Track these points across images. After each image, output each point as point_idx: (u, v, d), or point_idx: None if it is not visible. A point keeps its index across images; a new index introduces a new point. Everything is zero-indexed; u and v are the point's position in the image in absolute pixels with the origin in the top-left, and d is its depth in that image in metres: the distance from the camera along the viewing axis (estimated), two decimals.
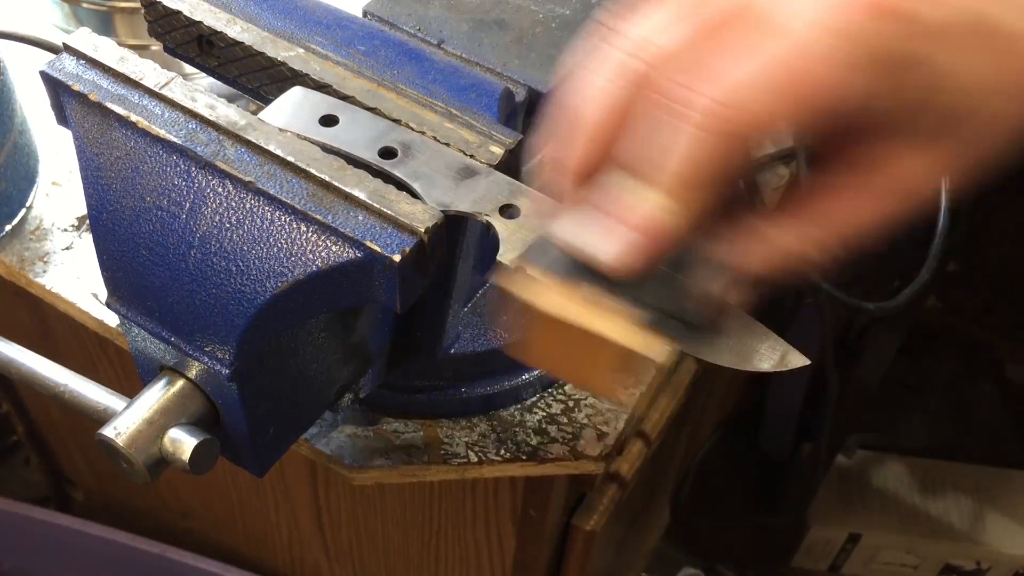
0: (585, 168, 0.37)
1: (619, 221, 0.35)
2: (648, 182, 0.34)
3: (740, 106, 0.32)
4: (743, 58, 0.33)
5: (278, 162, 0.44)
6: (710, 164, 0.33)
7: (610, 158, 0.35)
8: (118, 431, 0.45)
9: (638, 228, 0.34)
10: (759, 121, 0.33)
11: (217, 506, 0.96)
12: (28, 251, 0.73)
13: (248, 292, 0.43)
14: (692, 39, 0.34)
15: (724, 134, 0.33)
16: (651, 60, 0.35)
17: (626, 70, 0.35)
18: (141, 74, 0.47)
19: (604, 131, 0.36)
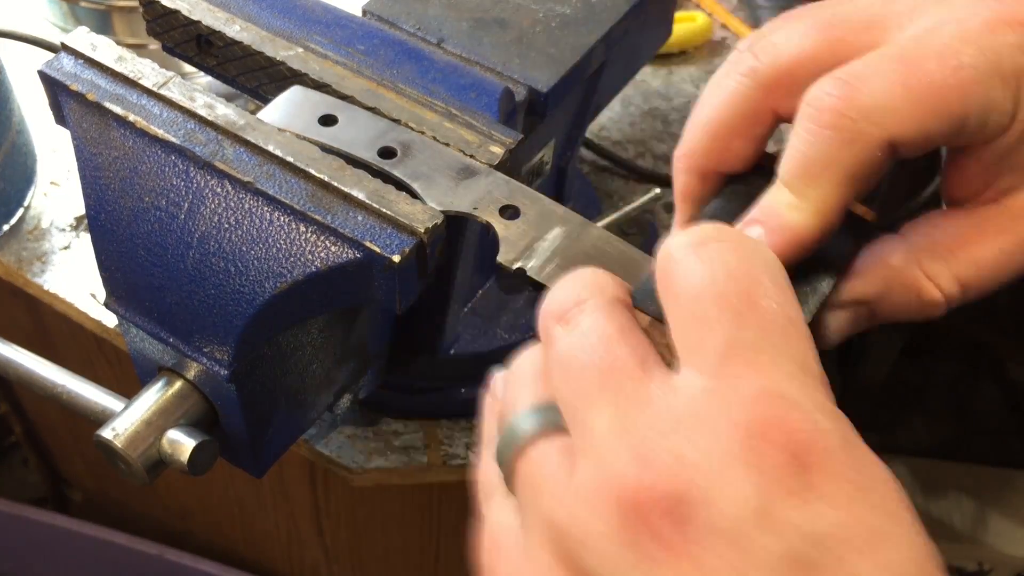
0: (710, 165, 0.37)
1: (751, 220, 0.35)
2: (786, 183, 0.34)
3: (858, 100, 0.32)
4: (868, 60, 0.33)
5: (277, 162, 0.44)
6: (832, 161, 0.33)
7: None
8: (116, 432, 0.45)
9: (764, 224, 0.34)
10: (879, 116, 0.32)
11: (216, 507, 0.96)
12: (26, 251, 0.72)
13: (247, 292, 0.43)
14: (817, 41, 0.35)
15: (843, 128, 0.32)
16: (778, 64, 0.35)
17: (749, 68, 0.35)
18: (139, 73, 0.47)
19: (722, 126, 0.36)
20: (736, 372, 0.27)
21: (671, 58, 0.93)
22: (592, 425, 0.27)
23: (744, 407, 0.26)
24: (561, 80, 0.54)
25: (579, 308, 0.30)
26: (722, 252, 0.29)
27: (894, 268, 0.36)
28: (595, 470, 0.26)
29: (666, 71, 0.92)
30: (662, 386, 0.27)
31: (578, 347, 0.29)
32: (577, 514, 0.26)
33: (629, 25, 0.59)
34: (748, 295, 0.28)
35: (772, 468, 0.25)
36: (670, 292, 0.29)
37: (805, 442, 0.25)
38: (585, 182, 0.78)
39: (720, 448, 0.25)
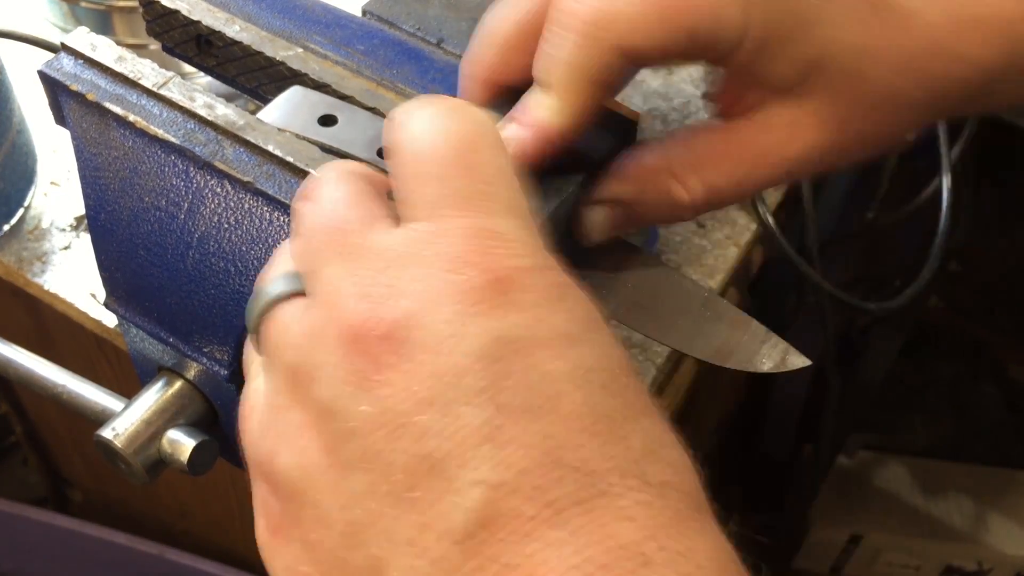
0: (493, 76, 0.40)
1: (515, 121, 0.38)
2: (540, 86, 0.38)
3: (607, 12, 0.36)
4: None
5: (277, 162, 0.44)
6: (586, 68, 0.37)
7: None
8: (116, 432, 0.45)
9: (526, 124, 0.38)
10: (625, 31, 0.36)
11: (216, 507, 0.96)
12: (26, 251, 0.72)
13: (247, 292, 0.43)
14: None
15: (595, 38, 0.36)
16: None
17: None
18: (139, 74, 0.47)
19: (509, 42, 0.39)
20: (446, 214, 0.30)
21: None
22: (323, 275, 0.30)
23: (451, 241, 0.29)
24: None
25: (318, 183, 0.33)
26: (438, 115, 0.32)
27: (649, 170, 0.40)
28: (323, 311, 0.29)
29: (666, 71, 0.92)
30: (383, 235, 0.30)
31: (314, 214, 0.32)
32: (308, 353, 0.29)
33: None
34: (460, 151, 0.31)
35: (473, 289, 0.28)
36: (392, 153, 0.32)
37: (506, 268, 0.29)
38: None
39: (428, 277, 0.28)
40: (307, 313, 0.30)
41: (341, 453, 0.28)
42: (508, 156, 0.32)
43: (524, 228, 0.30)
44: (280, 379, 0.30)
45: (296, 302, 0.31)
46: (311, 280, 0.31)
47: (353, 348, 0.28)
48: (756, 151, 0.40)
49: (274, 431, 0.30)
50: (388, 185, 0.33)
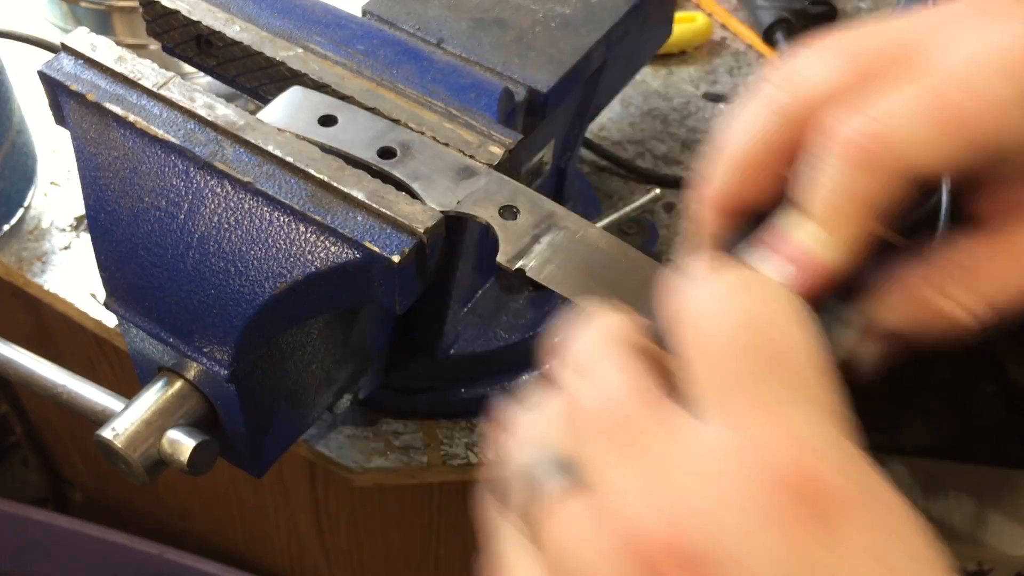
0: (731, 201, 0.36)
1: (777, 253, 0.34)
2: (804, 214, 0.33)
3: (886, 135, 0.31)
4: (894, 90, 0.32)
5: (277, 162, 0.44)
6: (858, 195, 0.32)
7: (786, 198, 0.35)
8: (116, 432, 0.45)
9: (791, 259, 0.33)
10: (907, 152, 0.32)
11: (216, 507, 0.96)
12: (26, 251, 0.72)
13: (247, 293, 0.43)
14: (845, 73, 0.33)
15: (870, 165, 0.32)
16: (801, 92, 0.34)
17: (775, 102, 0.34)
18: (139, 74, 0.47)
19: (749, 162, 0.35)
20: (756, 421, 0.26)
21: (671, 58, 0.93)
22: (611, 481, 0.27)
23: (764, 456, 0.25)
24: (561, 80, 0.54)
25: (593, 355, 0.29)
26: (740, 293, 0.28)
27: (916, 293, 0.35)
28: (615, 525, 0.26)
29: (666, 71, 0.92)
30: (681, 439, 0.27)
31: (593, 400, 0.28)
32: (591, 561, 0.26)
33: (629, 25, 0.59)
34: (762, 336, 0.27)
35: (795, 519, 0.24)
36: (684, 336, 0.29)
37: (823, 484, 0.25)
38: (585, 182, 0.78)
39: (735, 495, 0.25)
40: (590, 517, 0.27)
41: None
42: (818, 342, 0.28)
43: (837, 430, 0.27)
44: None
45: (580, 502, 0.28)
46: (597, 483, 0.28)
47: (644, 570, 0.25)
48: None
49: None
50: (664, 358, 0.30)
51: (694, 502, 0.25)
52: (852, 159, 0.32)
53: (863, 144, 0.32)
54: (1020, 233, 0.36)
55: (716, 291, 0.28)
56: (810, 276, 0.33)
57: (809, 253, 0.33)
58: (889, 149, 0.31)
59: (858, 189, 0.32)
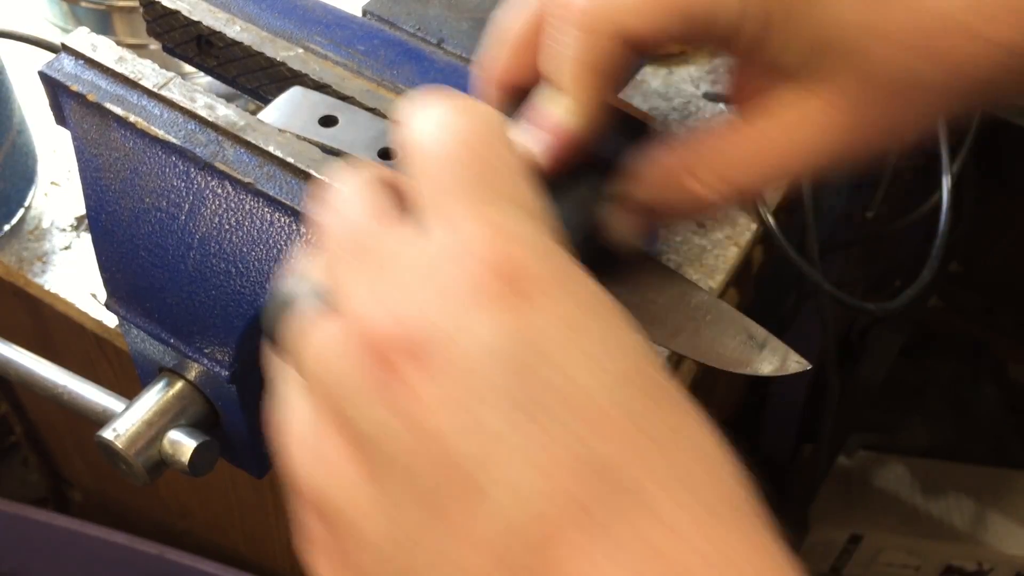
0: (506, 77, 0.40)
1: (530, 123, 0.38)
2: (554, 87, 0.37)
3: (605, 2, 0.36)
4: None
5: (277, 163, 0.44)
6: (592, 61, 0.36)
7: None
8: (117, 433, 0.45)
9: (538, 124, 0.37)
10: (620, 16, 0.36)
11: (216, 507, 0.96)
12: (27, 251, 0.72)
13: (247, 294, 0.43)
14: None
15: (592, 29, 0.36)
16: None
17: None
18: (140, 74, 0.47)
19: (521, 42, 0.39)
20: (466, 221, 0.29)
21: (671, 58, 0.93)
22: (345, 285, 0.30)
23: (465, 242, 0.28)
24: None
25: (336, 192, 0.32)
26: (445, 111, 0.31)
27: (666, 170, 0.39)
28: (347, 325, 0.29)
29: (666, 71, 0.92)
30: (406, 246, 0.29)
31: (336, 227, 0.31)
32: (340, 374, 0.28)
33: None
34: (471, 148, 0.30)
35: (497, 297, 0.27)
36: (402, 148, 0.32)
37: (518, 263, 0.28)
38: None
39: (447, 283, 0.28)
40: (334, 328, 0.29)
41: (380, 474, 0.27)
42: (516, 152, 0.32)
43: (538, 225, 0.30)
44: (319, 401, 0.30)
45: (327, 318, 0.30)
46: (335, 290, 0.30)
47: (378, 363, 0.27)
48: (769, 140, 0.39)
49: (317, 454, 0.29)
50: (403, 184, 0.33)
51: (415, 296, 0.28)
52: (574, 22, 0.36)
53: (581, 7, 0.36)
54: (760, 119, 0.39)
55: (435, 114, 0.31)
56: (557, 138, 0.37)
57: (552, 117, 0.37)
58: (606, 15, 0.36)
59: (584, 53, 0.36)
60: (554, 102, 0.37)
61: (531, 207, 0.30)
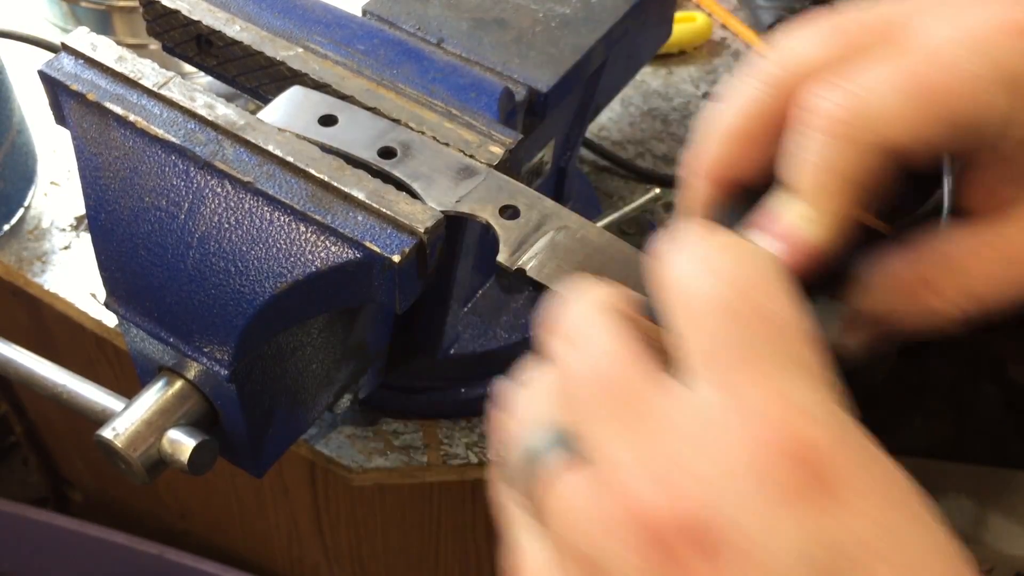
0: (722, 172, 0.36)
1: (763, 231, 0.34)
2: (791, 192, 0.34)
3: (861, 109, 0.32)
4: (875, 65, 0.33)
5: (277, 162, 0.44)
6: (837, 169, 0.33)
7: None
8: (116, 432, 0.45)
9: (776, 235, 0.34)
10: (882, 125, 0.32)
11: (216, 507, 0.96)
12: (26, 251, 0.72)
13: (247, 292, 0.43)
14: (830, 48, 0.34)
15: (851, 139, 0.32)
16: (792, 68, 0.34)
17: (764, 73, 0.35)
18: (139, 73, 0.47)
19: (738, 132, 0.36)
20: (748, 386, 0.26)
21: (671, 58, 0.93)
22: (609, 453, 0.27)
23: (760, 423, 0.25)
24: (561, 80, 0.54)
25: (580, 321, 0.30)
26: (718, 255, 0.28)
27: (901, 283, 0.36)
28: (618, 499, 0.26)
29: (666, 71, 0.92)
30: (673, 403, 0.27)
31: (581, 363, 0.29)
32: (606, 546, 0.26)
33: (629, 25, 0.59)
34: (749, 299, 0.27)
35: (797, 489, 0.25)
36: (670, 301, 0.29)
37: (817, 449, 0.25)
38: (585, 182, 0.78)
39: (735, 464, 0.25)
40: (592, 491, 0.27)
41: None
42: (799, 303, 0.28)
43: (829, 396, 0.27)
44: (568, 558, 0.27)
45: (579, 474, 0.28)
46: (593, 452, 0.28)
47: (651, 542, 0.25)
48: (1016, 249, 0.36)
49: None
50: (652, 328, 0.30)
51: (694, 469, 0.25)
52: (829, 132, 0.32)
53: (839, 117, 0.32)
54: (1007, 226, 0.36)
55: (701, 254, 0.28)
56: (794, 253, 0.33)
57: (793, 229, 0.33)
58: (864, 122, 0.32)
59: (836, 163, 0.33)
60: (796, 211, 0.33)
61: (821, 374, 0.27)
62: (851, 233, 0.34)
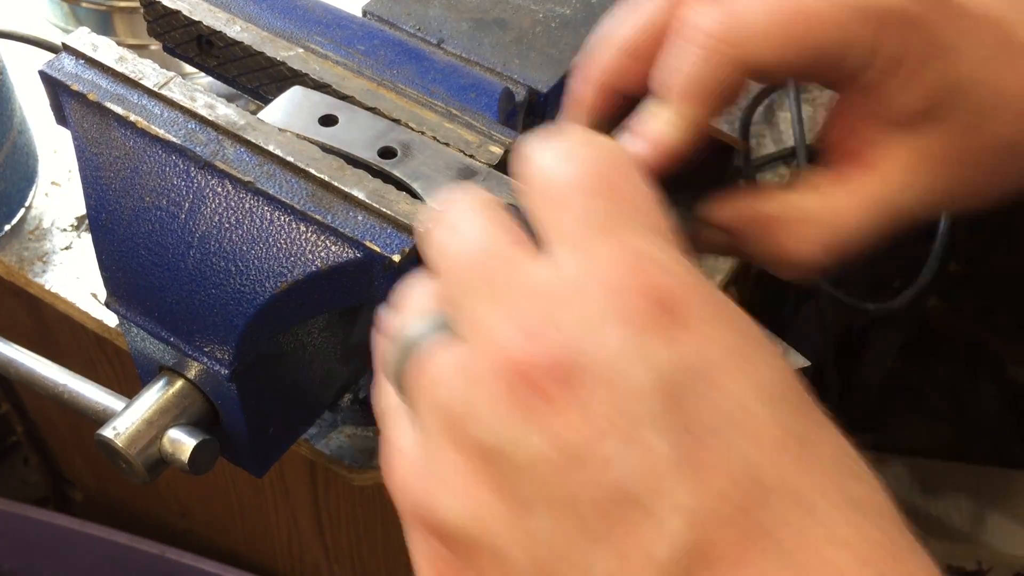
0: (609, 81, 0.39)
1: (632, 133, 0.38)
2: (660, 99, 0.37)
3: (736, 28, 0.35)
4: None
5: (277, 162, 0.44)
6: (708, 82, 0.36)
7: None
8: (117, 431, 0.45)
9: (643, 136, 0.37)
10: (754, 46, 0.35)
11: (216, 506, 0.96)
12: (27, 251, 0.72)
13: (247, 292, 0.43)
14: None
15: (719, 52, 0.36)
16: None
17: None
18: (140, 74, 0.47)
19: (630, 48, 0.39)
20: (592, 240, 0.28)
21: None
22: (475, 314, 0.29)
23: (603, 267, 0.28)
24: (561, 80, 0.54)
25: (456, 212, 0.31)
26: (570, 144, 0.31)
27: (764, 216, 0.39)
28: (482, 352, 0.28)
29: None
30: (537, 270, 0.29)
31: (457, 247, 0.30)
32: (465, 392, 0.27)
33: None
34: (597, 175, 0.30)
35: (637, 314, 0.27)
36: (528, 183, 0.31)
37: (666, 289, 0.27)
38: None
39: (588, 306, 0.27)
40: (459, 352, 0.28)
41: (516, 492, 0.26)
42: (645, 177, 0.31)
43: (671, 247, 0.29)
44: (433, 421, 0.28)
45: (444, 343, 0.29)
46: (461, 319, 0.29)
47: (517, 383, 0.26)
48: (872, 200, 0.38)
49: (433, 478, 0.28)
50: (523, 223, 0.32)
51: (560, 323, 0.27)
52: (699, 44, 0.36)
53: (711, 31, 0.35)
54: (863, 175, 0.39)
55: (561, 147, 0.31)
56: (657, 152, 0.37)
57: (657, 130, 0.37)
58: (735, 42, 0.35)
59: (704, 74, 0.36)
60: (661, 116, 0.37)
61: (664, 230, 0.30)
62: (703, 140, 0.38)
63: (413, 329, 0.30)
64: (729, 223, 0.39)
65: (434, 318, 0.30)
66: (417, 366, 0.29)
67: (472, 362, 0.28)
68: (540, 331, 0.27)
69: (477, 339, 0.28)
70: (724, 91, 0.36)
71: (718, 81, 0.36)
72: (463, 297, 0.29)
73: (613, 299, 0.27)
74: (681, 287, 0.28)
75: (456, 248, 0.30)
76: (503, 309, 0.28)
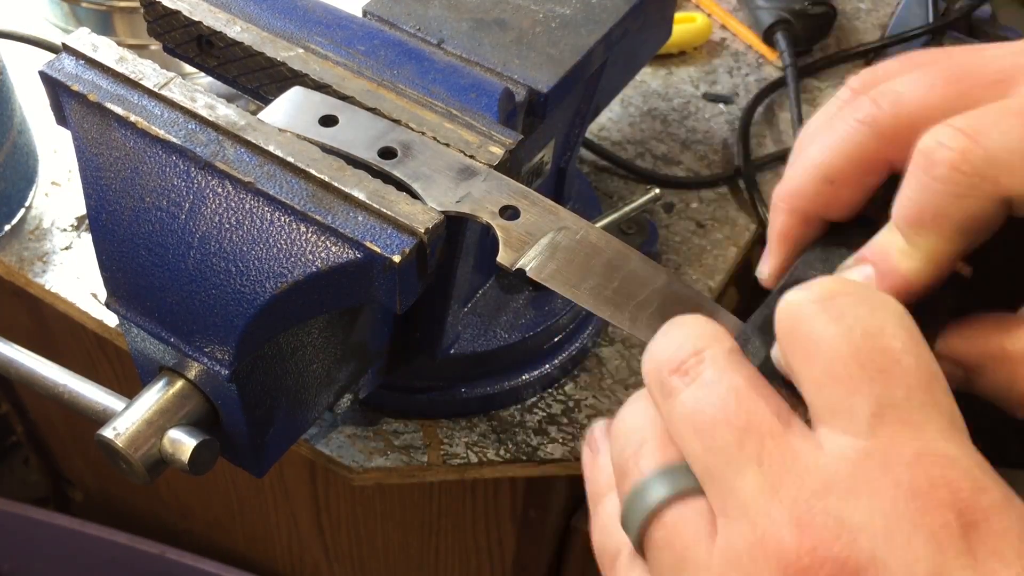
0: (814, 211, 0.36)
1: (860, 258, 0.34)
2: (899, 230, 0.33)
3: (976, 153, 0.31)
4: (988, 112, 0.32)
5: (278, 162, 0.44)
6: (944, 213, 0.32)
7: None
8: (117, 431, 0.45)
9: (875, 265, 0.34)
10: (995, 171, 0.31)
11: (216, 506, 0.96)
12: (27, 251, 0.72)
13: (248, 293, 0.43)
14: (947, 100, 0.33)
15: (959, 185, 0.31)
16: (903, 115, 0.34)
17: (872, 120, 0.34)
18: (140, 74, 0.47)
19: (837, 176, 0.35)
20: (890, 432, 0.26)
21: (671, 59, 0.94)
22: (736, 486, 0.27)
23: (904, 468, 0.25)
24: (561, 81, 0.54)
25: (698, 359, 0.29)
26: (853, 307, 0.28)
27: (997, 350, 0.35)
28: (747, 534, 0.26)
29: (665, 72, 0.92)
30: (809, 445, 0.27)
31: (707, 402, 0.28)
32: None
33: (629, 26, 0.59)
34: (888, 352, 0.27)
35: (940, 529, 0.25)
36: (802, 352, 0.28)
37: (969, 501, 0.25)
38: (585, 182, 0.78)
39: (884, 510, 0.25)
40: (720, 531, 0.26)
41: None
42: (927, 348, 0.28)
43: (972, 450, 0.27)
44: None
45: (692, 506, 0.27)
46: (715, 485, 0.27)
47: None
48: None
49: None
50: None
51: (831, 509, 0.25)
52: (939, 175, 0.31)
53: (951, 161, 0.31)
54: None
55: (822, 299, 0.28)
56: (889, 283, 0.33)
57: (890, 260, 0.33)
58: (977, 168, 0.31)
59: (942, 205, 0.32)
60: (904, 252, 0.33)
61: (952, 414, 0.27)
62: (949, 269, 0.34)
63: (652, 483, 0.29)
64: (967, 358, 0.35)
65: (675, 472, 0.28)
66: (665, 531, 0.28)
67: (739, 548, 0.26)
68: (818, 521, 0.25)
69: (737, 514, 0.26)
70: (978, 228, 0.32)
71: (974, 218, 0.32)
72: (717, 460, 0.27)
73: (909, 502, 0.25)
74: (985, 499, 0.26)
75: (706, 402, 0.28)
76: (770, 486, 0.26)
